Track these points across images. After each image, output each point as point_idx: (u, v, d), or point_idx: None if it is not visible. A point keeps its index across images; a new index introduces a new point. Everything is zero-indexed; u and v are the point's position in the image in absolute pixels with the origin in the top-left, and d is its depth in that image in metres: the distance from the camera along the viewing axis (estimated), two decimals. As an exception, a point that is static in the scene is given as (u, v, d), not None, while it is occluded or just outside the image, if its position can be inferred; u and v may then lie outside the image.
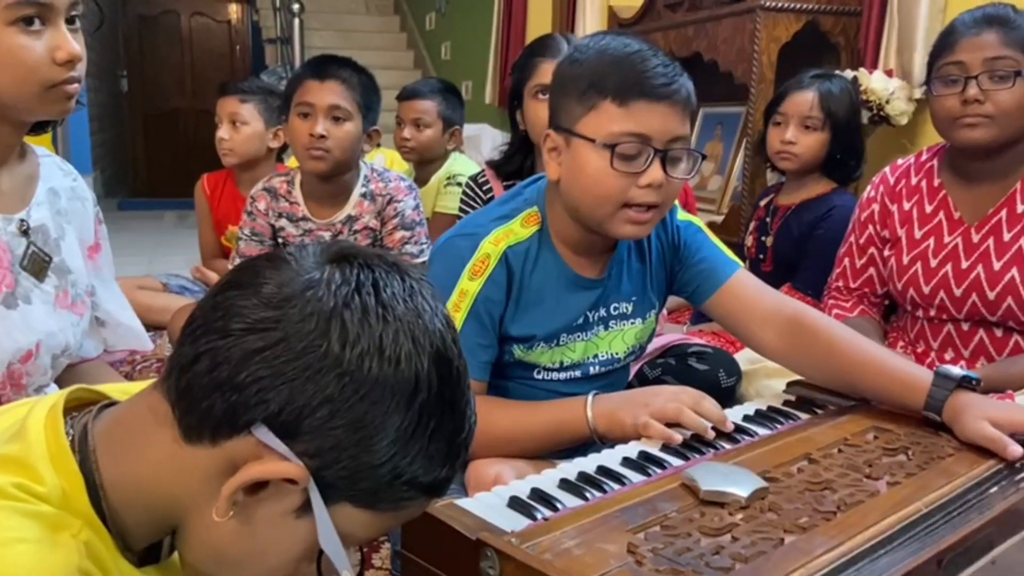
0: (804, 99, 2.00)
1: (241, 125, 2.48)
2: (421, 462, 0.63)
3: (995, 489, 0.92)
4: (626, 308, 1.28)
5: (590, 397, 1.14)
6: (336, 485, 0.62)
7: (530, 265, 1.20)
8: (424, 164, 2.89)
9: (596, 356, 1.27)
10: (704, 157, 1.25)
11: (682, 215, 1.31)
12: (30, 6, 0.96)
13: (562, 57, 1.23)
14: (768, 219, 2.09)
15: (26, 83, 0.99)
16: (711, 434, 1.07)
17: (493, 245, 1.18)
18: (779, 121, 2.03)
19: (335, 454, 0.61)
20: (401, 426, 0.61)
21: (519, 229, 1.20)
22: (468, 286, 1.16)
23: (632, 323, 1.29)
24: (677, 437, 1.05)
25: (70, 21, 1.01)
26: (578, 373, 1.26)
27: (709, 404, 1.10)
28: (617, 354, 1.29)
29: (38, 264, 1.10)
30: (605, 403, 1.13)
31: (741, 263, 1.30)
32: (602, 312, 1.26)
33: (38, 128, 1.11)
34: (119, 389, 0.73)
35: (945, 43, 1.52)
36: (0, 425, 0.68)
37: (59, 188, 1.16)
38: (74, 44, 1.00)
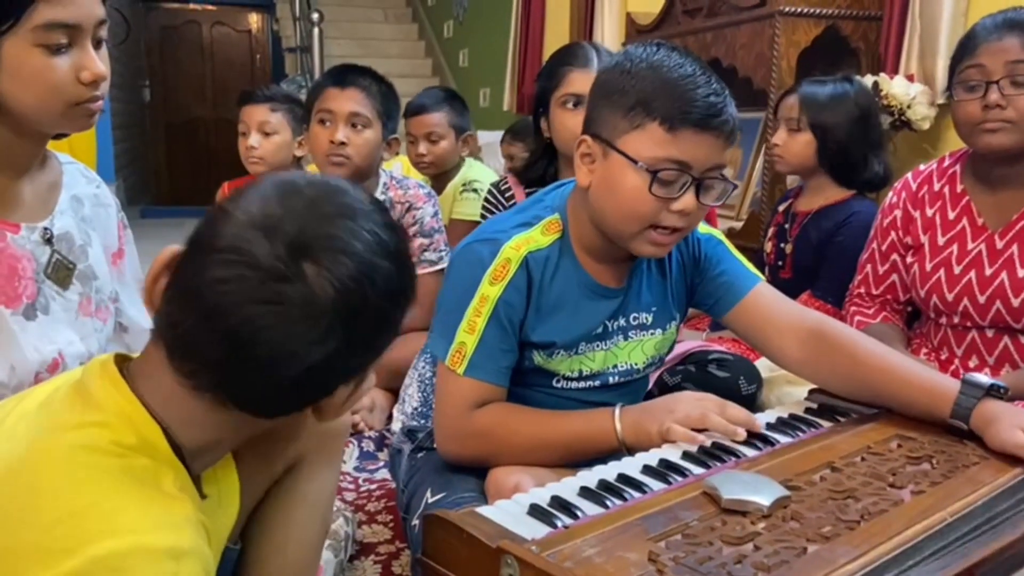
0: (788, 103, 2.03)
1: (272, 134, 2.49)
2: None
3: (1031, 501, 0.91)
4: (646, 319, 1.27)
5: (617, 409, 1.14)
6: None
7: (550, 272, 1.19)
8: (441, 173, 2.90)
9: (615, 366, 1.26)
10: (735, 187, 1.24)
11: (703, 228, 1.30)
12: (59, 28, 0.97)
13: (606, 63, 1.20)
14: (787, 225, 2.07)
15: (51, 101, 1.00)
16: (740, 436, 1.07)
17: (514, 250, 1.17)
18: (773, 126, 2.08)
19: None
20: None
21: (539, 237, 1.20)
22: (489, 291, 1.15)
23: (652, 334, 1.28)
24: (700, 438, 1.05)
25: (96, 41, 1.02)
26: (597, 383, 1.26)
27: (734, 409, 1.10)
28: (636, 364, 1.28)
29: (62, 272, 1.11)
30: (631, 414, 1.14)
31: (762, 276, 1.30)
32: (621, 322, 1.25)
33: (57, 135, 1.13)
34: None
35: (966, 48, 1.51)
36: (30, 405, 0.77)
37: (82, 195, 1.17)
38: (99, 64, 1.01)
